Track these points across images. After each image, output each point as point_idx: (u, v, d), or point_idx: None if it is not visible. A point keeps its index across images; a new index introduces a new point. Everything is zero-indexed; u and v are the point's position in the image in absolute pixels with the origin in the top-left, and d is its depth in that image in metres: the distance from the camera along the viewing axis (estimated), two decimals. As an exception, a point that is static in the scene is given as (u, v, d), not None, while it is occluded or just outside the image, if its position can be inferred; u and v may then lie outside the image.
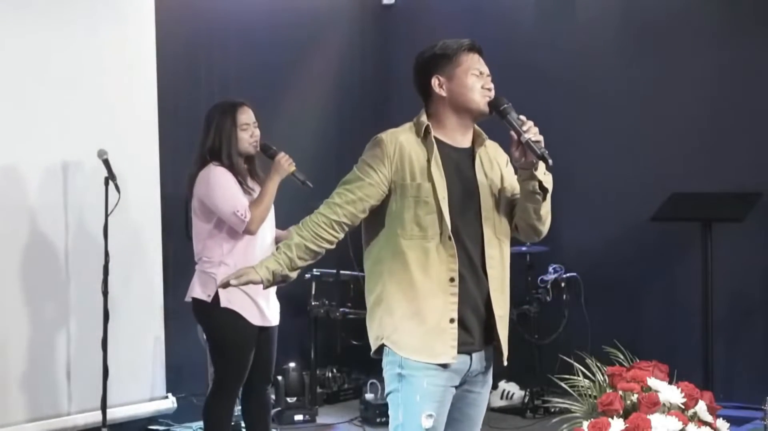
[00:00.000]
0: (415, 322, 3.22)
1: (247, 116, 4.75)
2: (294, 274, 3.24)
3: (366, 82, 7.63)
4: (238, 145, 4.71)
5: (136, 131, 6.03)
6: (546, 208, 3.32)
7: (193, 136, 6.29)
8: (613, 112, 6.96)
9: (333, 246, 3.26)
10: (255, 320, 4.68)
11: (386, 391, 3.30)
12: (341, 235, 3.26)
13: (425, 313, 3.21)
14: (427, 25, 7.44)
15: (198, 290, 4.72)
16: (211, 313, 4.70)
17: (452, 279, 3.21)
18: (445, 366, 3.22)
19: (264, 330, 4.77)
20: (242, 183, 4.70)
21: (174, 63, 6.30)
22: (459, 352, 3.23)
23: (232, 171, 4.69)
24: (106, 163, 5.46)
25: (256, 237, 4.71)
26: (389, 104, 7.48)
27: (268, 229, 4.79)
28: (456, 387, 3.29)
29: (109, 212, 5.45)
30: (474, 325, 3.27)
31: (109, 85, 5.89)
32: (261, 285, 3.23)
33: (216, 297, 4.64)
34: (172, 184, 6.22)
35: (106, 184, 5.47)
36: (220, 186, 4.64)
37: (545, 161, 3.18)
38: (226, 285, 3.24)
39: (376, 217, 3.27)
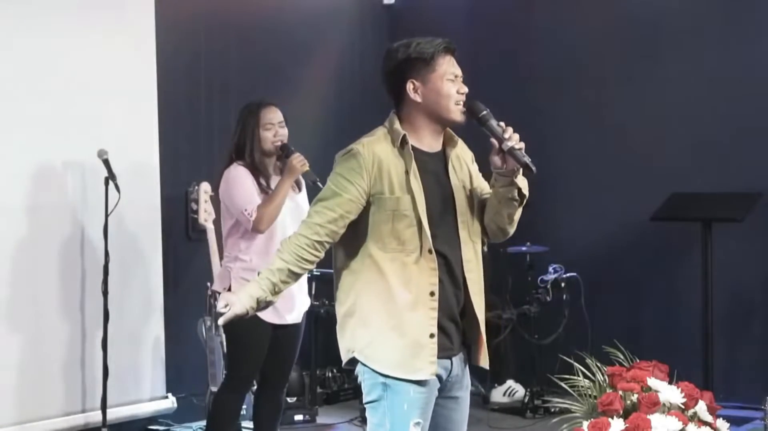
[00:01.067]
0: (393, 336, 3.14)
1: (272, 115, 4.77)
2: (277, 298, 3.17)
3: (366, 82, 7.62)
4: (261, 144, 4.73)
5: (136, 131, 6.03)
6: (518, 213, 3.27)
7: (194, 135, 6.34)
8: (612, 112, 6.96)
9: (314, 266, 3.19)
10: (268, 317, 4.65)
11: (367, 398, 3.23)
12: (322, 255, 3.16)
13: (405, 327, 3.14)
14: (427, 25, 7.41)
15: (217, 283, 4.84)
16: None
17: (432, 293, 3.15)
18: (423, 380, 3.16)
19: (282, 328, 4.75)
20: (265, 182, 4.73)
21: (174, 63, 6.30)
22: (439, 357, 3.17)
23: (254, 170, 4.72)
24: (106, 163, 5.46)
25: (276, 234, 4.71)
26: (389, 104, 7.47)
27: (290, 226, 4.75)
28: (439, 391, 3.24)
29: (109, 212, 5.45)
30: (452, 330, 3.22)
31: (109, 85, 5.88)
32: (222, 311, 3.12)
33: (229, 290, 4.64)
34: (172, 184, 6.22)
35: (106, 184, 5.47)
36: (235, 184, 4.69)
37: (529, 169, 3.10)
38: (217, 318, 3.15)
39: (351, 229, 3.18)
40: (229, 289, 4.66)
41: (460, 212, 3.24)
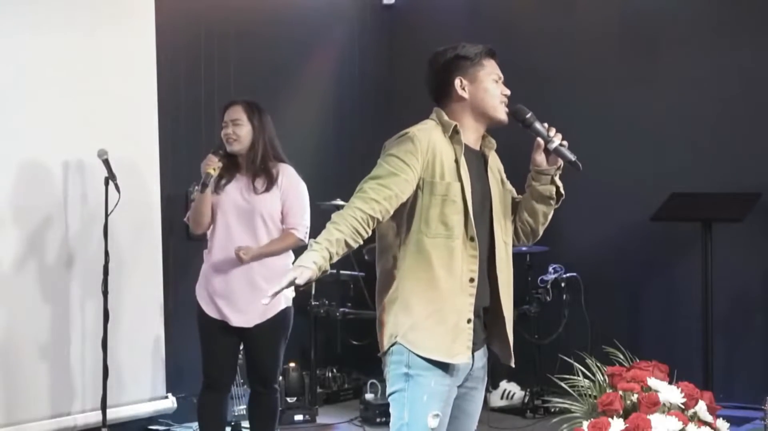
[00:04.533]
0: (434, 321, 3.20)
1: (229, 113, 4.82)
2: (329, 269, 3.12)
3: (366, 82, 7.62)
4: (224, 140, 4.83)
5: (136, 131, 6.03)
6: (551, 212, 3.39)
7: (194, 136, 6.34)
8: (612, 112, 6.96)
9: (362, 243, 3.13)
10: (211, 312, 4.81)
11: (390, 390, 3.27)
12: (371, 232, 3.14)
13: (446, 313, 3.20)
14: (427, 25, 7.45)
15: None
16: None
17: (472, 280, 3.22)
18: (454, 366, 3.22)
19: (246, 331, 4.78)
20: (220, 179, 4.78)
21: (174, 63, 6.30)
22: None
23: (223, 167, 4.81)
24: (106, 163, 5.46)
25: (220, 231, 4.79)
26: (389, 104, 7.49)
27: (233, 219, 4.80)
28: (458, 386, 3.30)
29: (109, 212, 5.45)
30: (478, 325, 3.29)
31: (109, 85, 5.89)
32: (294, 279, 2.94)
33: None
34: (172, 184, 6.22)
35: (106, 184, 5.47)
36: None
37: (576, 166, 3.25)
38: (282, 290, 2.97)
39: (396, 214, 3.20)
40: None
41: (495, 211, 3.32)
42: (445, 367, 3.21)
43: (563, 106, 7.02)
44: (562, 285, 6.63)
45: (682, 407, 2.98)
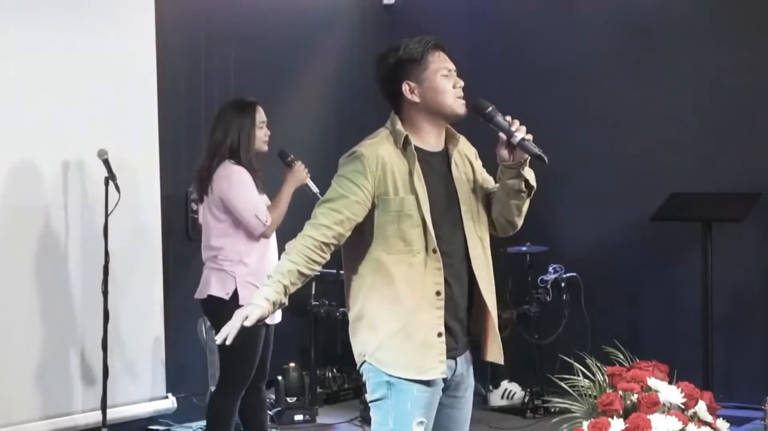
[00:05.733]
0: (401, 338, 3.15)
1: (261, 115, 4.82)
2: (286, 300, 3.16)
3: (366, 82, 7.61)
4: (255, 143, 4.77)
5: (136, 131, 6.03)
6: (526, 204, 3.28)
7: (193, 136, 6.33)
8: (612, 111, 6.96)
9: (320, 268, 3.16)
10: (267, 319, 4.69)
11: (371, 397, 3.23)
12: (329, 256, 3.14)
13: (412, 329, 3.15)
14: (427, 25, 7.43)
15: (216, 288, 4.75)
16: (230, 311, 4.72)
17: (438, 293, 3.16)
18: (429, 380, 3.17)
19: (266, 328, 4.80)
20: (256, 181, 4.76)
21: (174, 63, 6.30)
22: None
23: (250, 169, 4.75)
24: (106, 163, 5.46)
25: (270, 238, 4.80)
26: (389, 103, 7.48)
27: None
28: (442, 391, 3.25)
29: (109, 212, 5.45)
30: (458, 331, 3.23)
31: (109, 86, 5.89)
32: (244, 320, 3.05)
33: (235, 295, 4.67)
34: (172, 184, 6.22)
35: (106, 184, 5.47)
36: (242, 186, 4.69)
37: (541, 159, 3.11)
38: (235, 329, 3.04)
39: (356, 232, 3.17)
40: (234, 294, 4.68)
41: (465, 209, 3.24)
42: (421, 380, 3.17)
43: (563, 105, 7.03)
44: (562, 285, 6.62)
45: (682, 407, 2.98)
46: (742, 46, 6.53)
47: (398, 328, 3.16)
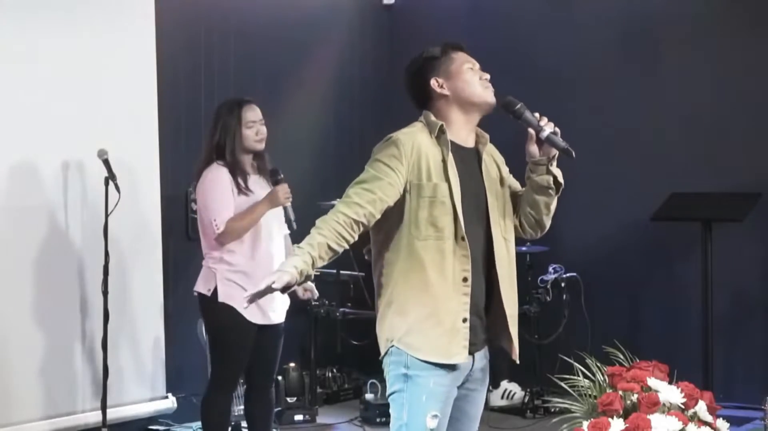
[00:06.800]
0: (430, 323, 3.20)
1: (252, 113, 4.77)
2: (312, 273, 3.14)
3: (366, 82, 7.62)
4: (243, 142, 4.74)
5: (136, 131, 6.02)
6: (554, 202, 3.37)
7: (193, 136, 6.33)
8: (613, 111, 6.96)
9: (348, 246, 3.16)
10: (254, 318, 4.70)
11: (389, 391, 3.28)
12: (357, 236, 3.16)
13: (441, 314, 3.20)
14: (427, 25, 7.45)
15: (200, 284, 4.80)
16: (211, 308, 4.76)
17: (465, 279, 3.22)
18: (454, 366, 3.22)
19: (266, 328, 4.77)
20: (243, 182, 4.72)
21: (174, 63, 6.30)
22: None
23: (234, 169, 4.72)
24: (106, 163, 5.46)
25: (261, 238, 4.74)
26: (389, 104, 7.48)
27: (275, 232, 4.82)
28: (458, 387, 3.30)
29: (109, 212, 5.45)
30: (477, 325, 3.29)
31: (109, 85, 5.89)
32: (272, 284, 3.01)
33: (215, 292, 4.69)
34: (172, 184, 6.22)
35: (106, 184, 5.47)
36: (212, 189, 4.69)
37: (569, 154, 3.22)
38: (261, 294, 3.05)
39: (387, 219, 3.21)
40: (215, 291, 4.69)
41: (491, 208, 3.31)
42: (443, 368, 3.22)
43: (563, 105, 7.00)
44: (562, 285, 6.63)
45: (682, 407, 2.98)
46: (742, 46, 6.53)
47: (427, 313, 3.20)
